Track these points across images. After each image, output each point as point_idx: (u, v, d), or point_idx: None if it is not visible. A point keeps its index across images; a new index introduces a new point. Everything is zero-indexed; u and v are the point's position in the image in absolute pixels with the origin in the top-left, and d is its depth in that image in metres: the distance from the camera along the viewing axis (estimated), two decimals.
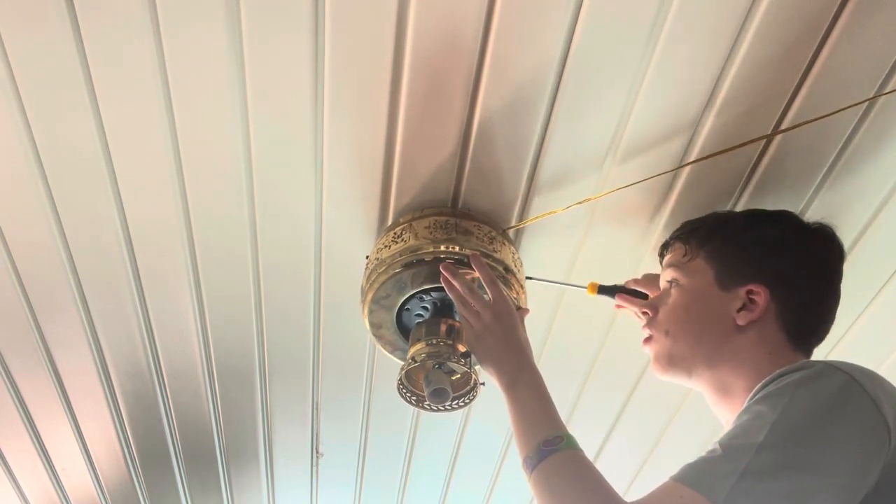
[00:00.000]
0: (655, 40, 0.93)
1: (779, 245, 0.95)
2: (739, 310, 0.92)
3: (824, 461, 0.71)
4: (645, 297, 1.10)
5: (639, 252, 1.21)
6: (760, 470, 0.70)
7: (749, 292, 0.93)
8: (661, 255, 1.07)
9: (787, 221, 0.99)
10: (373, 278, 1.10)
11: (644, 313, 1.03)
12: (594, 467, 0.83)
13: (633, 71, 0.96)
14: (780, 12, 0.89)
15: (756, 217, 1.01)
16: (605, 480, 0.80)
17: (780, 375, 0.79)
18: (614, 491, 0.79)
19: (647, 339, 1.02)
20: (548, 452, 0.84)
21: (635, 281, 1.13)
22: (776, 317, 0.92)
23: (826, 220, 0.99)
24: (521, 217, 1.16)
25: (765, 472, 0.70)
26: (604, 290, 1.15)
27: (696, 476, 0.72)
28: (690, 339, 0.95)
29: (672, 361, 0.97)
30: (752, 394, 0.81)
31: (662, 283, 1.03)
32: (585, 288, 1.16)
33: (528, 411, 0.91)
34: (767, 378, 0.81)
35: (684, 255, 1.00)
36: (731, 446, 0.73)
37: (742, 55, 0.94)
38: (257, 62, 0.97)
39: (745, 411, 0.78)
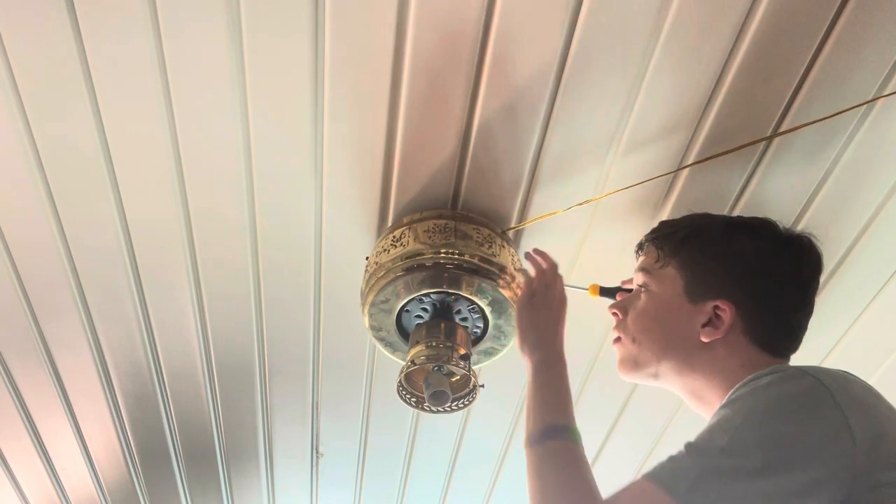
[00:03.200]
0: (655, 41, 0.93)
1: (751, 260, 0.93)
2: (704, 325, 0.91)
3: (785, 466, 0.72)
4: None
5: None
6: (722, 471, 0.72)
7: (716, 307, 0.91)
8: (637, 255, 1.06)
9: (763, 232, 0.96)
10: (372, 282, 1.10)
11: (614, 314, 1.03)
12: (587, 464, 0.84)
13: (633, 71, 0.96)
14: (780, 13, 0.89)
15: (732, 227, 0.98)
16: (591, 478, 0.82)
17: (752, 380, 0.80)
18: (597, 490, 0.80)
19: (617, 341, 1.02)
20: (550, 437, 0.86)
21: (630, 282, 1.13)
22: (743, 331, 0.90)
23: (808, 231, 0.96)
24: (521, 217, 1.16)
25: (725, 474, 0.72)
26: (605, 291, 1.15)
27: (660, 472, 0.75)
28: (657, 349, 0.95)
29: (637, 366, 0.97)
30: (726, 398, 0.82)
31: (634, 284, 1.03)
32: (587, 289, 1.16)
33: (548, 393, 0.92)
34: (740, 382, 0.82)
35: (657, 261, 0.98)
36: (695, 447, 0.76)
37: (742, 55, 0.94)
38: (257, 62, 0.97)
39: (715, 415, 0.79)
